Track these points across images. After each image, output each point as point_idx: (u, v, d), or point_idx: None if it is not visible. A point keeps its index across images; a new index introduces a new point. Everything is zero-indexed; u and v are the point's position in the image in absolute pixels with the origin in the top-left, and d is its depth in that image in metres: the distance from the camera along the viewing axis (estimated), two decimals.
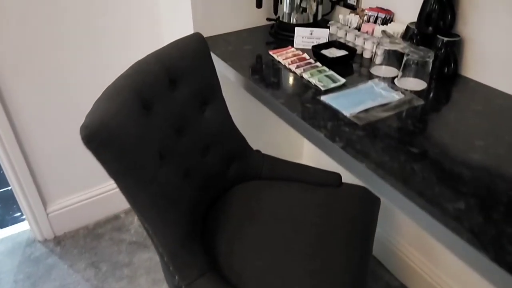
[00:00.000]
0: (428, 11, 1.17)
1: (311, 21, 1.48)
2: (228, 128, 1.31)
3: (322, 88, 1.15)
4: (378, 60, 1.26)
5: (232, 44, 1.44)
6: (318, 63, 1.28)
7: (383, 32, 1.22)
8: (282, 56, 1.33)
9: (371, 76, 1.23)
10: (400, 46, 1.17)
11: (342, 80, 1.18)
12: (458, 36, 1.17)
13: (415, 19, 1.26)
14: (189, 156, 1.16)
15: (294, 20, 1.47)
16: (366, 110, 1.04)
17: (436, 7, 1.15)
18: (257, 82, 1.19)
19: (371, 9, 1.41)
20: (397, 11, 1.37)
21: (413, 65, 1.16)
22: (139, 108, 0.96)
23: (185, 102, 1.13)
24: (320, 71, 1.23)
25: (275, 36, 1.51)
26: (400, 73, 1.19)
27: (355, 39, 1.35)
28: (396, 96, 1.10)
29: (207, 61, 1.20)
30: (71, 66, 1.59)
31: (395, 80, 1.20)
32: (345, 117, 1.02)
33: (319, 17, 1.51)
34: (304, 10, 1.45)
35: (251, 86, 1.19)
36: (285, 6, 1.46)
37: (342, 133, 0.96)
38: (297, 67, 1.26)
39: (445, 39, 1.16)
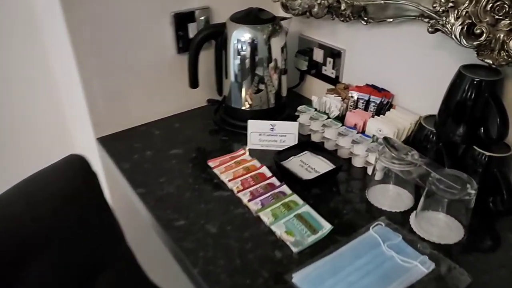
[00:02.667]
0: (457, 106, 0.72)
1: (272, 102, 1.01)
2: None
3: (294, 249, 0.66)
4: (378, 176, 0.80)
5: (153, 144, 0.94)
6: (284, 187, 0.80)
7: (385, 140, 0.75)
8: (228, 172, 0.84)
9: (369, 211, 0.76)
10: (417, 171, 0.71)
11: (327, 227, 0.70)
12: (509, 148, 0.72)
13: (430, 108, 0.82)
14: None
15: (247, 103, 1.00)
16: None
17: (471, 97, 0.70)
18: (180, 240, 0.69)
19: (359, 88, 0.95)
20: (400, 92, 0.92)
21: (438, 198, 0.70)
22: None
23: None
24: (287, 206, 0.75)
25: (220, 125, 1.03)
26: (420, 205, 0.72)
27: (337, 137, 0.89)
28: (421, 268, 0.63)
29: (93, 204, 0.70)
30: None
31: (411, 219, 0.73)
32: None
33: (284, 93, 1.03)
34: (261, 81, 0.97)
35: (171, 245, 0.69)
36: (232, 82, 0.99)
37: None
38: (251, 197, 0.77)
39: (488, 154, 0.71)
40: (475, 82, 0.69)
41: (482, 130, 0.71)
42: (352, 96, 0.94)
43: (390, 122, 0.86)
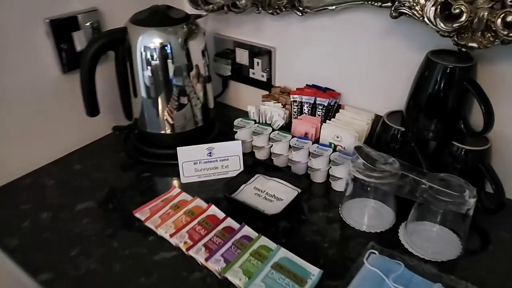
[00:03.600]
0: (429, 99, 0.63)
1: (199, 119, 0.81)
2: None
3: None
4: (349, 190, 0.67)
5: (49, 201, 0.68)
6: (246, 229, 0.62)
7: (358, 150, 0.63)
8: (167, 222, 0.63)
9: (352, 236, 0.63)
10: (401, 182, 0.59)
11: (315, 273, 0.55)
12: (487, 141, 0.64)
13: (384, 103, 0.72)
14: None
15: (167, 124, 0.79)
16: None
17: (446, 88, 0.61)
18: None
19: (300, 91, 0.81)
20: (347, 90, 0.81)
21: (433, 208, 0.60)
22: None
23: None
24: (259, 255, 0.57)
25: (136, 158, 0.80)
26: (410, 217, 0.62)
27: (290, 151, 0.74)
28: None
29: None
30: None
31: (400, 235, 0.63)
32: None
33: (211, 104, 0.85)
34: (182, 94, 0.77)
35: None
36: (145, 100, 0.77)
37: None
38: (208, 253, 0.57)
39: (469, 148, 0.63)
40: (448, 70, 0.60)
41: (461, 124, 0.63)
42: (295, 101, 0.80)
43: (346, 125, 0.74)
